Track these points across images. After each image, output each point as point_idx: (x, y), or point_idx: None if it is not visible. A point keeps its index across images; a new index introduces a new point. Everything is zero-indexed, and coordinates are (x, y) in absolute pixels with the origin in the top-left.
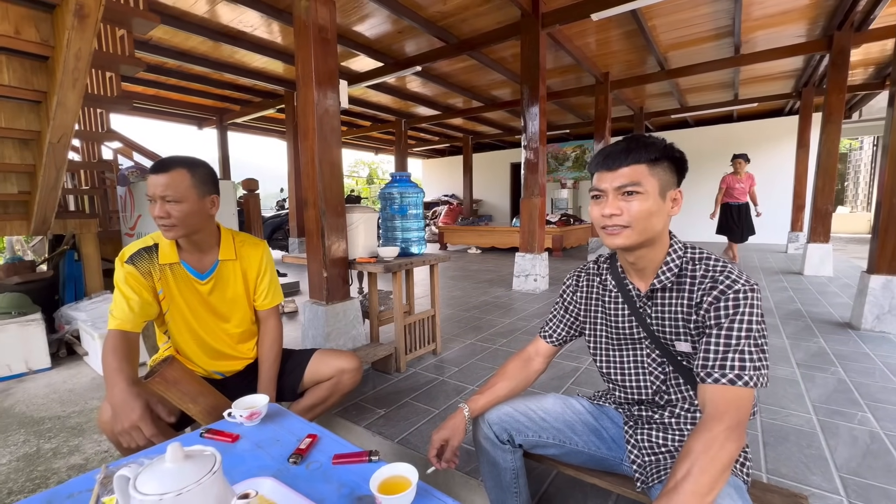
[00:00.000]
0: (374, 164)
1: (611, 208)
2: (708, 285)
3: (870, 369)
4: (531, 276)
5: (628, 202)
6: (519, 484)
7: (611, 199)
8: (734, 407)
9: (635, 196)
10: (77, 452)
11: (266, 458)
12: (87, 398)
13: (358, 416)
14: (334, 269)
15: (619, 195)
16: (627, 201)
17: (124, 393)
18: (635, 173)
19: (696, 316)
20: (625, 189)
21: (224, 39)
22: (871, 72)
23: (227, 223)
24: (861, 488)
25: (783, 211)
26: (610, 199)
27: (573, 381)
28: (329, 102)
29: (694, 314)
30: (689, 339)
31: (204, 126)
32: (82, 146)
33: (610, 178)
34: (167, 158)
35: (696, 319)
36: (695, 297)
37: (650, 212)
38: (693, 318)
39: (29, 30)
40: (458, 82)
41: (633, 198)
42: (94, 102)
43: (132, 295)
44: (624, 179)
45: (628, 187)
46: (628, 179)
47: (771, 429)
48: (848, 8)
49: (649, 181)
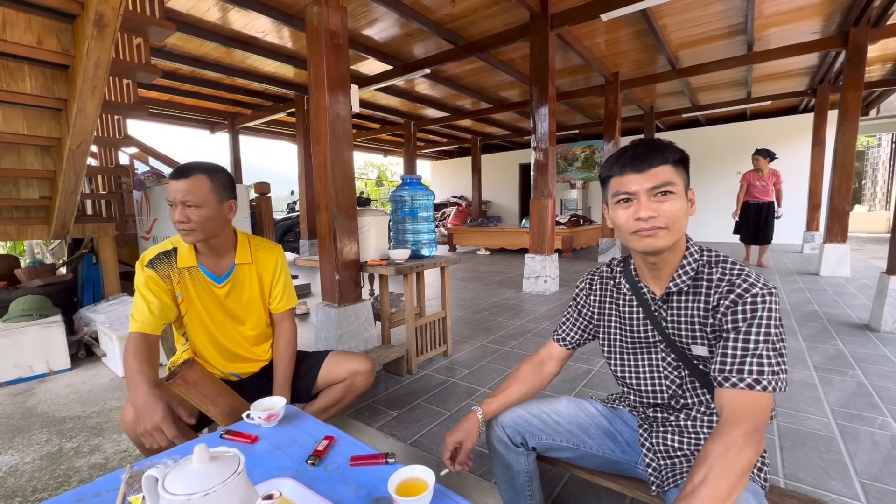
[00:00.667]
0: (384, 165)
1: (647, 210)
2: (725, 289)
3: (890, 372)
4: (541, 278)
5: (662, 203)
6: (532, 487)
7: (644, 201)
8: (752, 412)
9: (669, 196)
10: (98, 452)
11: (285, 459)
12: (106, 398)
13: (371, 418)
14: (346, 271)
15: (652, 196)
16: (661, 202)
17: (147, 395)
18: (667, 173)
19: (713, 319)
20: (659, 189)
21: (236, 45)
22: (888, 68)
23: (240, 226)
24: (883, 494)
25: (799, 211)
26: (643, 200)
27: (585, 383)
28: (340, 107)
29: (710, 318)
30: (706, 342)
31: (216, 130)
32: (100, 152)
33: (641, 179)
34: (187, 164)
35: (712, 323)
36: (711, 300)
37: (683, 212)
38: (710, 321)
39: (51, 40)
40: (467, 84)
41: (667, 198)
42: (112, 109)
43: (152, 298)
44: (658, 180)
45: (663, 188)
46: (662, 179)
47: (788, 433)
48: (865, 3)
49: (678, 181)
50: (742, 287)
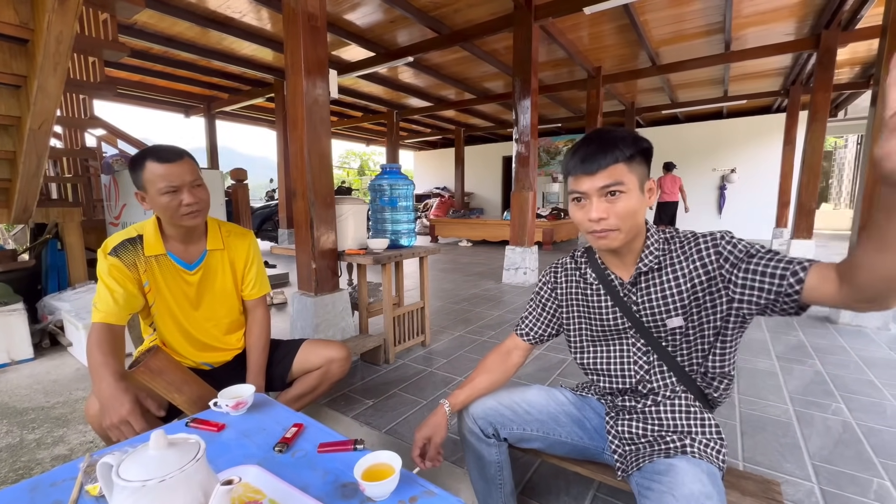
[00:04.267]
0: (366, 155)
1: (597, 212)
2: (696, 250)
3: (845, 362)
4: (521, 269)
5: (613, 203)
6: (503, 475)
7: (595, 202)
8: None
9: (619, 196)
10: (62, 443)
11: (252, 446)
12: (72, 388)
13: (346, 407)
14: (323, 260)
15: (603, 196)
16: (612, 202)
17: (112, 388)
18: (616, 173)
19: (704, 279)
20: (608, 190)
21: (212, 25)
22: (857, 71)
23: (215, 214)
24: (832, 475)
25: (769, 207)
26: (594, 202)
27: (559, 372)
28: (318, 92)
29: (695, 281)
30: (682, 311)
31: (191, 114)
32: (65, 133)
33: (590, 180)
34: (168, 146)
35: (691, 289)
36: (687, 267)
37: (635, 210)
38: (686, 290)
39: (7, 11)
40: (451, 74)
41: (616, 198)
42: (77, 88)
43: (117, 287)
44: (606, 180)
45: (612, 188)
46: (611, 180)
47: (749, 419)
48: (836, 7)
49: (630, 178)
50: (709, 241)
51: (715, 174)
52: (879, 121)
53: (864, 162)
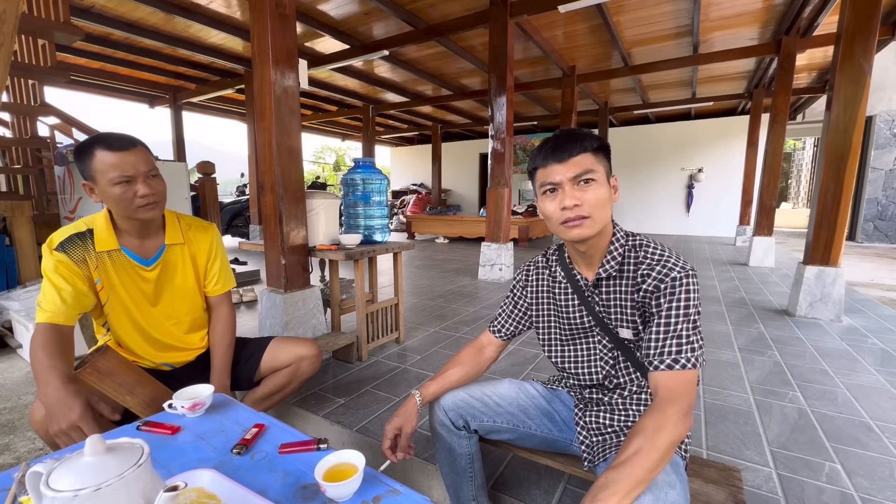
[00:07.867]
0: (342, 150)
1: (571, 199)
2: (646, 272)
3: (801, 352)
4: (496, 266)
5: (585, 191)
6: (474, 468)
7: (568, 190)
8: (685, 391)
9: (591, 184)
10: (7, 451)
11: (208, 449)
12: (21, 393)
13: (316, 406)
14: (293, 256)
15: (576, 185)
16: (584, 191)
17: (59, 391)
18: (587, 161)
19: (640, 301)
20: (581, 178)
21: (177, 11)
22: (814, 76)
23: (181, 209)
24: (788, 460)
25: (733, 206)
26: (567, 190)
27: (533, 366)
28: (287, 82)
29: (638, 299)
30: (632, 325)
31: (156, 104)
32: (13, 121)
33: (563, 169)
34: (119, 134)
35: (639, 305)
36: (637, 283)
37: (605, 200)
38: (637, 303)
39: None
40: (427, 69)
41: (589, 186)
42: (25, 72)
43: (64, 285)
44: (579, 168)
45: (584, 175)
46: (583, 167)
47: (713, 409)
48: (795, 14)
49: (599, 168)
50: (662, 273)
51: (683, 173)
52: (833, 125)
53: (820, 163)
